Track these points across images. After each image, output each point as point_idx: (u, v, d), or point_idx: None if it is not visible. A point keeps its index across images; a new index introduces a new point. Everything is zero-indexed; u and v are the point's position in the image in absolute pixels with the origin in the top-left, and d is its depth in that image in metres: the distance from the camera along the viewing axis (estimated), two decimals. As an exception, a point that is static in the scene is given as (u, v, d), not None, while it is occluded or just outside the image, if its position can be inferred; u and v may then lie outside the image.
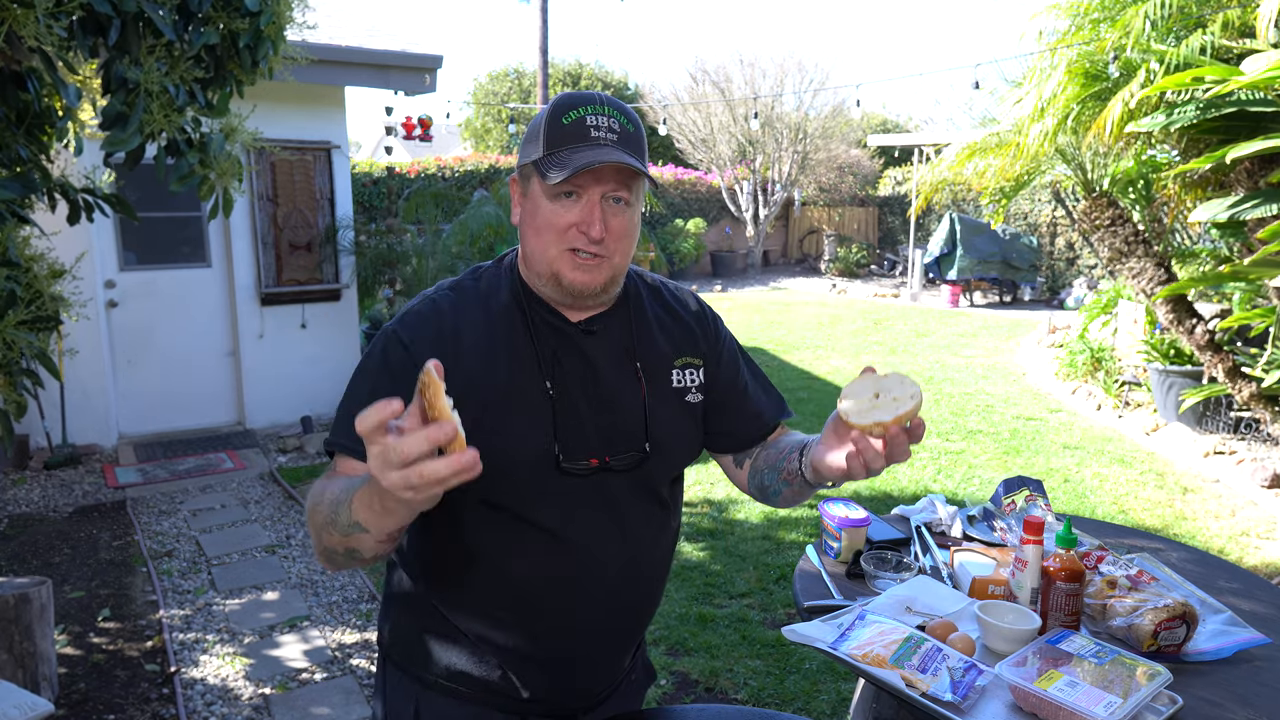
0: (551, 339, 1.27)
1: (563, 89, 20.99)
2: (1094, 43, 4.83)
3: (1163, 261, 5.21)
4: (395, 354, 1.21)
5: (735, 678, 3.06)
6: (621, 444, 1.28)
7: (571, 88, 21.21)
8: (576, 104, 1.20)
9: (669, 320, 1.37)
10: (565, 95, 1.23)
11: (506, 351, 1.24)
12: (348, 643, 3.36)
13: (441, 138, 19.11)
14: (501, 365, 1.24)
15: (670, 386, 1.33)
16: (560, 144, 1.18)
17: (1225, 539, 4.32)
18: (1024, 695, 1.33)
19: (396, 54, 6.00)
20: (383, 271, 6.49)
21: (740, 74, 17.39)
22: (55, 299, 2.42)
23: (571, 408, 1.25)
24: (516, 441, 1.21)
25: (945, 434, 6.10)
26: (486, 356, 1.23)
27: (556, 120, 1.19)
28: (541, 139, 1.19)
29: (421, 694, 1.33)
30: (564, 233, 1.19)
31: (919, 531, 2.02)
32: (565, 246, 1.20)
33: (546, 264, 1.21)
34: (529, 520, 1.24)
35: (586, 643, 1.32)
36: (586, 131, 1.18)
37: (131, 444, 5.80)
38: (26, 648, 2.79)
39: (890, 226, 17.93)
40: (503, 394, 1.22)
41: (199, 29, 2.24)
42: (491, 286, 1.30)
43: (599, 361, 1.28)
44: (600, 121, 1.19)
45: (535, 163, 1.20)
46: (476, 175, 13.53)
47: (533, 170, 1.21)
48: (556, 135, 1.18)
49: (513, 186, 1.27)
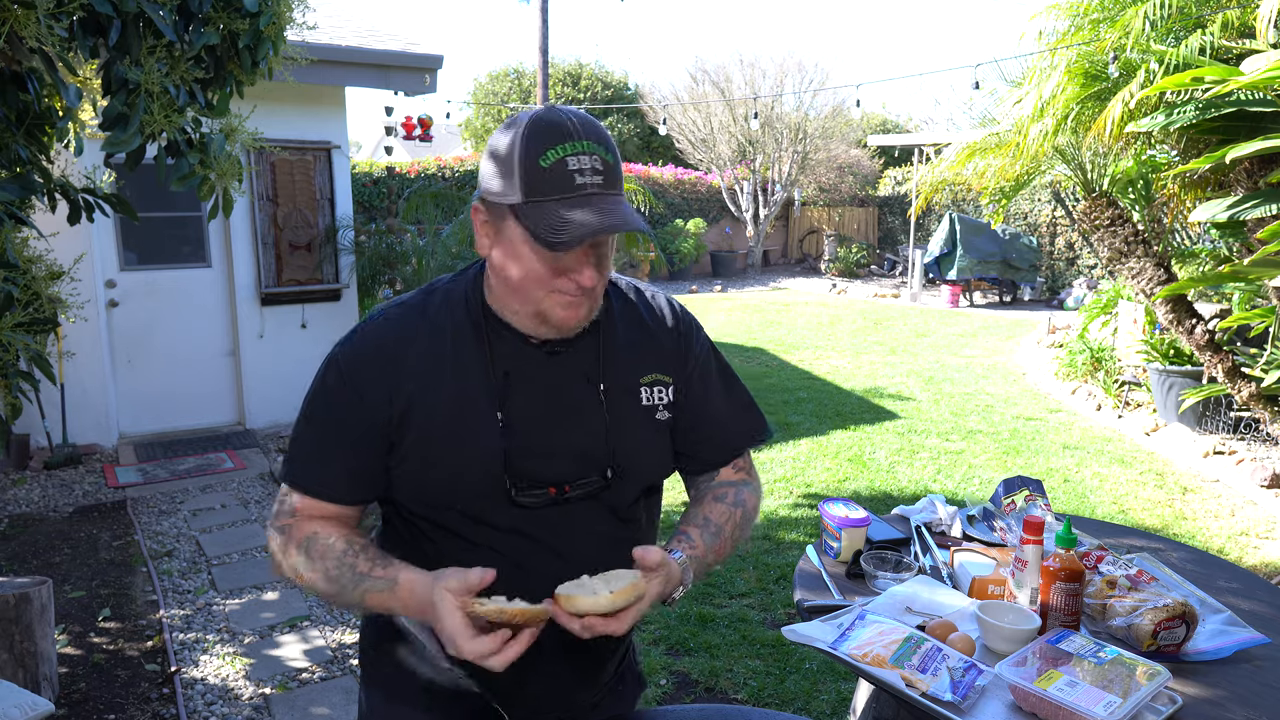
0: (509, 361, 1.21)
1: (563, 89, 20.99)
2: (1094, 43, 4.83)
3: (1163, 261, 5.21)
4: (338, 393, 1.22)
5: (735, 678, 3.06)
6: (581, 471, 1.23)
7: (572, 88, 21.20)
8: (553, 139, 1.09)
9: (640, 336, 1.31)
10: (536, 124, 1.10)
11: (457, 378, 1.20)
12: (348, 643, 3.36)
13: (441, 138, 19.10)
14: (449, 392, 1.19)
15: (640, 404, 1.29)
16: (543, 193, 1.09)
17: (1225, 539, 4.32)
18: (1024, 695, 1.33)
19: (396, 54, 6.00)
20: (383, 271, 6.50)
21: (740, 74, 17.39)
22: (53, 300, 2.42)
23: (525, 435, 1.20)
24: (465, 471, 1.19)
25: (945, 434, 6.10)
26: (432, 382, 1.19)
27: (533, 162, 1.09)
28: (518, 180, 1.10)
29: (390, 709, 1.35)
30: (551, 281, 1.14)
31: (919, 531, 2.02)
32: (552, 290, 1.15)
33: (531, 304, 1.16)
34: (485, 546, 1.22)
35: (552, 663, 1.28)
36: (570, 179, 1.08)
37: (132, 444, 5.80)
38: (27, 647, 2.79)
39: (890, 226, 17.93)
40: (449, 422, 1.19)
41: (199, 29, 2.24)
42: (445, 306, 1.24)
43: (562, 383, 1.23)
44: (583, 163, 1.09)
45: (514, 209, 1.11)
46: (476, 175, 13.52)
47: (508, 213, 1.12)
48: (537, 181, 1.09)
49: (476, 215, 1.17)
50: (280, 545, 1.23)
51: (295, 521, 1.23)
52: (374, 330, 1.23)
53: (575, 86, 21.31)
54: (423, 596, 1.09)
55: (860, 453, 5.66)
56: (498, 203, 1.13)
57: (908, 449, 5.75)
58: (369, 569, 1.16)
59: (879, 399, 7.13)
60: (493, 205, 1.15)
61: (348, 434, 1.21)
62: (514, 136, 1.11)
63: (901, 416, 6.57)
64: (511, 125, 1.13)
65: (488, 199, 1.15)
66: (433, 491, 1.21)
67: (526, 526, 1.22)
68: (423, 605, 1.10)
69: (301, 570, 1.20)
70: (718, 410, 1.38)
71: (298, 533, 1.22)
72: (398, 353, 1.20)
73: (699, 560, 1.25)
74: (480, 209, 1.17)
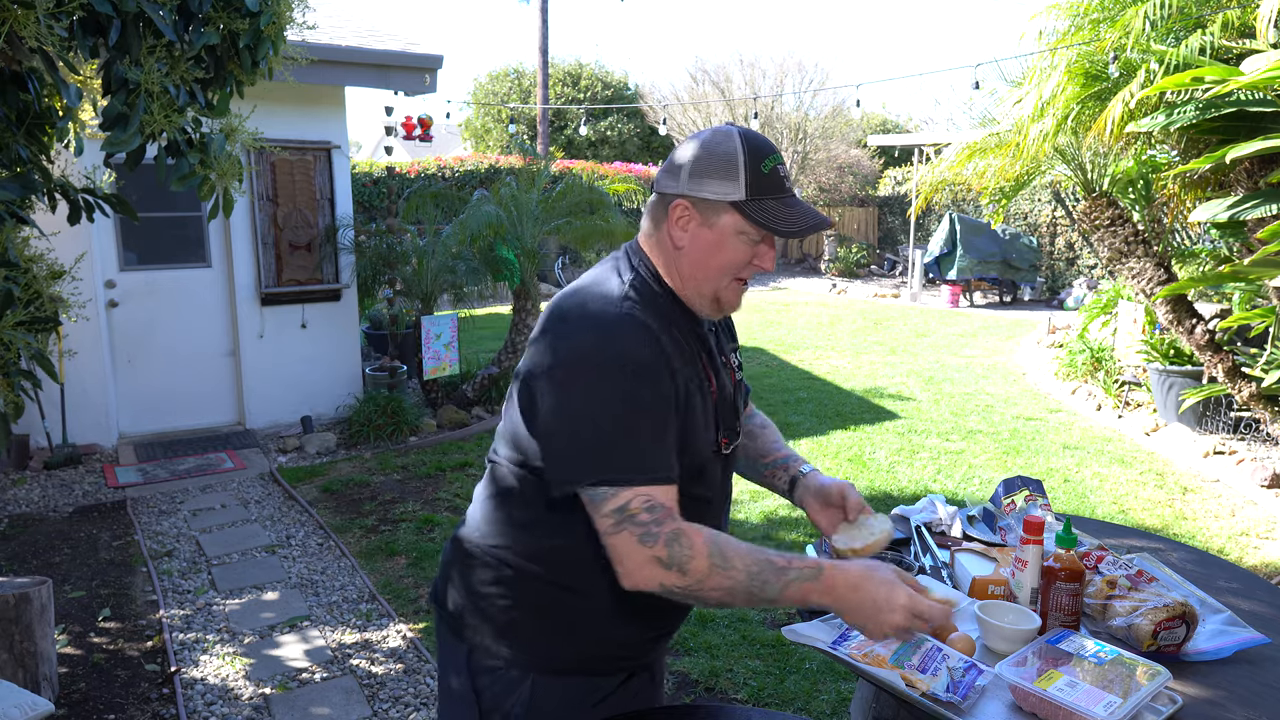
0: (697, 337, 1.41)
1: (563, 89, 20.99)
2: (1094, 43, 4.83)
3: (1163, 261, 5.21)
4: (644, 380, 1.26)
5: (735, 678, 3.06)
6: (733, 423, 1.46)
7: (572, 88, 21.19)
8: (767, 151, 1.33)
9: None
10: (754, 139, 1.33)
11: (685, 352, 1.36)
12: (348, 643, 3.36)
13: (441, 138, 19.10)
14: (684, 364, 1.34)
15: (734, 367, 1.52)
16: (766, 192, 1.32)
17: (1225, 539, 4.32)
18: (1024, 695, 1.33)
19: (396, 54, 6.01)
20: (383, 271, 6.49)
21: (740, 74, 17.41)
22: (54, 300, 2.43)
23: (720, 400, 1.42)
24: (700, 431, 1.36)
25: (945, 434, 6.10)
26: (681, 358, 1.34)
27: (757, 167, 1.31)
28: (743, 182, 1.31)
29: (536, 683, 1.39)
30: (740, 268, 1.35)
31: (919, 531, 2.02)
32: (735, 277, 1.36)
33: (712, 288, 1.36)
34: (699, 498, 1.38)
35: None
36: (782, 182, 1.34)
37: (132, 444, 5.80)
38: (27, 647, 2.79)
39: (890, 226, 17.94)
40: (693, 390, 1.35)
41: (199, 29, 2.24)
42: (652, 294, 1.37)
43: (712, 351, 1.44)
44: (784, 170, 1.36)
45: (737, 205, 1.31)
46: (476, 175, 13.53)
47: (730, 209, 1.31)
48: (761, 183, 1.32)
49: (675, 211, 1.34)
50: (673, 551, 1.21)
51: (682, 525, 1.24)
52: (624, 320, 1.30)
53: (575, 86, 21.31)
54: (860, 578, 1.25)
55: (860, 453, 5.66)
56: (716, 200, 1.32)
57: (908, 449, 5.75)
58: (785, 563, 1.25)
59: (879, 399, 7.14)
60: (707, 203, 1.33)
61: (667, 413, 1.29)
62: (734, 147, 1.32)
63: (901, 416, 6.57)
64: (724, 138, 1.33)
65: (700, 197, 1.33)
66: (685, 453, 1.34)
67: (717, 478, 1.43)
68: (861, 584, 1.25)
69: (716, 571, 1.22)
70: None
71: (696, 536, 1.23)
72: (657, 333, 1.31)
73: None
74: (688, 206, 1.34)
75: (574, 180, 7.20)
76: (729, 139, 1.33)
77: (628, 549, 1.23)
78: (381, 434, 5.87)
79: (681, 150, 1.37)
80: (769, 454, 1.70)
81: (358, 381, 6.57)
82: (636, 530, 1.22)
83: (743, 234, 1.33)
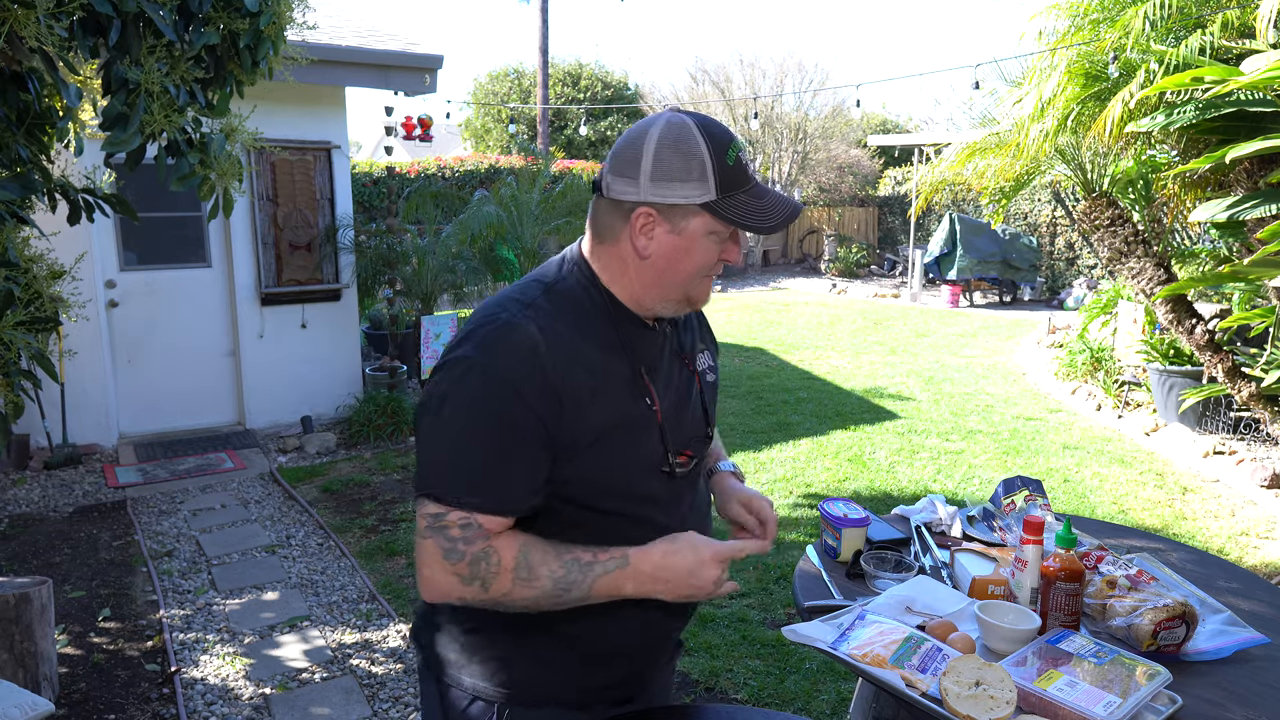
0: (636, 343, 1.30)
1: (563, 89, 20.98)
2: (1094, 43, 4.83)
3: (1163, 261, 5.21)
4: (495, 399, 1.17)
5: (735, 678, 3.06)
6: (698, 436, 1.38)
7: (572, 88, 21.19)
8: (727, 140, 1.23)
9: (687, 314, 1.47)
10: (713, 129, 1.23)
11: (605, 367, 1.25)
12: (348, 643, 3.36)
13: (441, 138, 19.10)
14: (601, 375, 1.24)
15: (699, 369, 1.43)
16: (734, 187, 1.22)
17: (1225, 539, 4.32)
18: (1024, 695, 1.33)
19: (396, 54, 6.00)
20: (383, 271, 6.50)
21: (740, 74, 17.41)
22: (54, 300, 2.43)
23: (665, 409, 1.31)
24: (633, 449, 1.27)
25: (945, 434, 6.10)
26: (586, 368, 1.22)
27: (723, 162, 1.21)
28: (712, 179, 1.20)
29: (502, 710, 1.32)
30: (710, 266, 1.27)
31: (919, 531, 2.02)
32: (705, 274, 1.28)
33: (683, 290, 1.27)
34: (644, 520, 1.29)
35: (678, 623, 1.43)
36: (746, 172, 1.24)
37: (132, 444, 5.80)
38: (27, 647, 2.79)
39: (890, 226, 17.94)
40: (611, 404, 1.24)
41: (199, 29, 2.24)
42: (571, 296, 1.27)
43: (668, 358, 1.36)
44: (745, 158, 1.25)
45: (708, 206, 1.21)
46: (476, 175, 13.52)
47: (699, 211, 1.21)
48: (729, 178, 1.22)
49: (638, 222, 1.22)
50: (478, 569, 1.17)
51: (493, 543, 1.18)
52: (509, 331, 1.20)
53: (575, 86, 21.30)
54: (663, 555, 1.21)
55: (860, 453, 5.66)
56: (682, 204, 1.21)
57: (908, 449, 5.75)
58: (591, 558, 1.20)
59: (879, 399, 7.14)
60: (671, 208, 1.22)
61: (517, 443, 1.18)
62: (697, 144, 1.20)
63: (901, 416, 6.57)
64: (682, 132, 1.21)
65: (663, 203, 1.21)
66: (603, 479, 1.26)
67: (672, 496, 1.34)
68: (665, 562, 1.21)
69: (519, 584, 1.18)
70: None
71: (506, 552, 1.18)
72: (543, 351, 1.19)
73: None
74: (651, 214, 1.22)
75: (574, 180, 7.21)
76: (688, 134, 1.20)
77: (431, 559, 1.18)
78: (381, 434, 5.87)
79: (631, 146, 1.23)
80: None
81: (358, 381, 6.57)
82: (444, 544, 1.17)
83: (713, 234, 1.23)
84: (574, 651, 1.32)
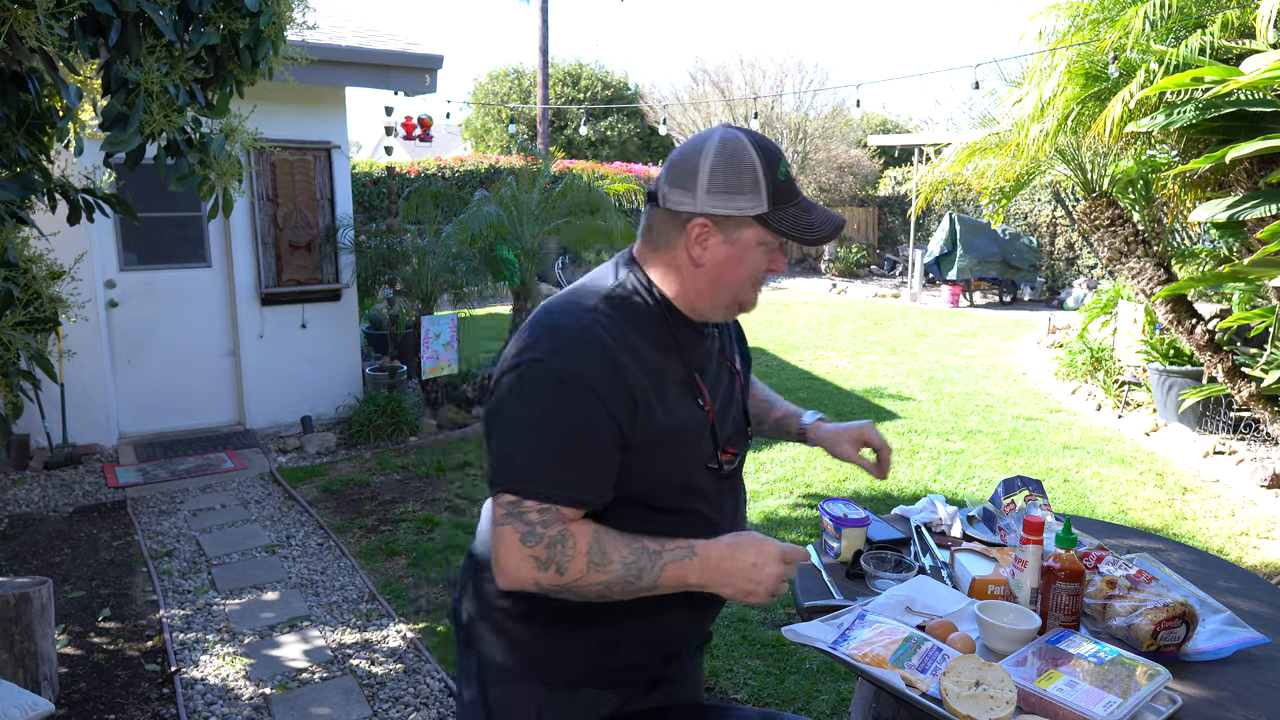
0: (690, 347, 1.37)
1: (563, 89, 20.99)
2: (1094, 43, 4.83)
3: (1163, 261, 5.21)
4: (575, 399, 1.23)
5: (735, 678, 3.06)
6: (739, 434, 1.45)
7: (572, 88, 21.19)
8: (778, 157, 1.31)
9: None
10: (765, 146, 1.30)
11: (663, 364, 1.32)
12: (348, 643, 3.36)
13: (441, 138, 19.09)
14: (661, 382, 1.31)
15: (737, 369, 1.51)
16: (784, 201, 1.30)
17: (1225, 539, 4.32)
18: (1024, 695, 1.33)
19: (396, 54, 6.00)
20: (383, 271, 6.50)
21: (740, 74, 17.41)
22: (53, 300, 2.43)
23: (717, 413, 1.38)
24: (688, 446, 1.34)
25: (945, 434, 6.10)
26: (650, 371, 1.29)
27: (774, 176, 1.29)
28: (764, 193, 1.28)
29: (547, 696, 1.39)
30: (759, 274, 1.35)
31: (919, 531, 2.02)
32: (754, 283, 1.35)
33: (734, 296, 1.35)
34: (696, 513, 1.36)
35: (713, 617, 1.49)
36: (794, 187, 1.32)
37: (132, 444, 5.80)
38: (27, 647, 2.79)
39: (890, 226, 17.94)
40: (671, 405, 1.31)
41: (199, 29, 2.24)
42: (630, 304, 1.33)
43: (716, 359, 1.44)
44: (792, 172, 1.35)
45: (761, 218, 1.28)
46: (476, 175, 13.52)
47: (752, 223, 1.29)
48: (780, 192, 1.29)
49: (700, 230, 1.29)
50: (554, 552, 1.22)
51: (569, 527, 1.23)
52: (579, 332, 1.26)
53: (575, 86, 21.31)
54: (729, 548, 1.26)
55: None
56: (737, 215, 1.28)
57: (908, 449, 5.75)
58: (659, 547, 1.25)
59: (879, 399, 7.13)
60: (725, 219, 1.29)
61: (592, 439, 1.24)
62: (751, 158, 1.28)
63: (901, 416, 6.57)
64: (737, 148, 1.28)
65: (718, 215, 1.28)
66: (660, 476, 1.33)
67: (717, 493, 1.40)
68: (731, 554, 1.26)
69: (593, 568, 1.23)
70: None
71: (581, 536, 1.23)
72: (614, 351, 1.26)
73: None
74: (707, 225, 1.29)
75: (574, 180, 7.20)
76: (742, 148, 1.28)
77: (508, 544, 1.23)
78: (381, 434, 5.87)
79: (687, 159, 1.30)
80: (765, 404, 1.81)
81: (358, 381, 6.57)
82: (521, 528, 1.22)
83: (763, 244, 1.31)
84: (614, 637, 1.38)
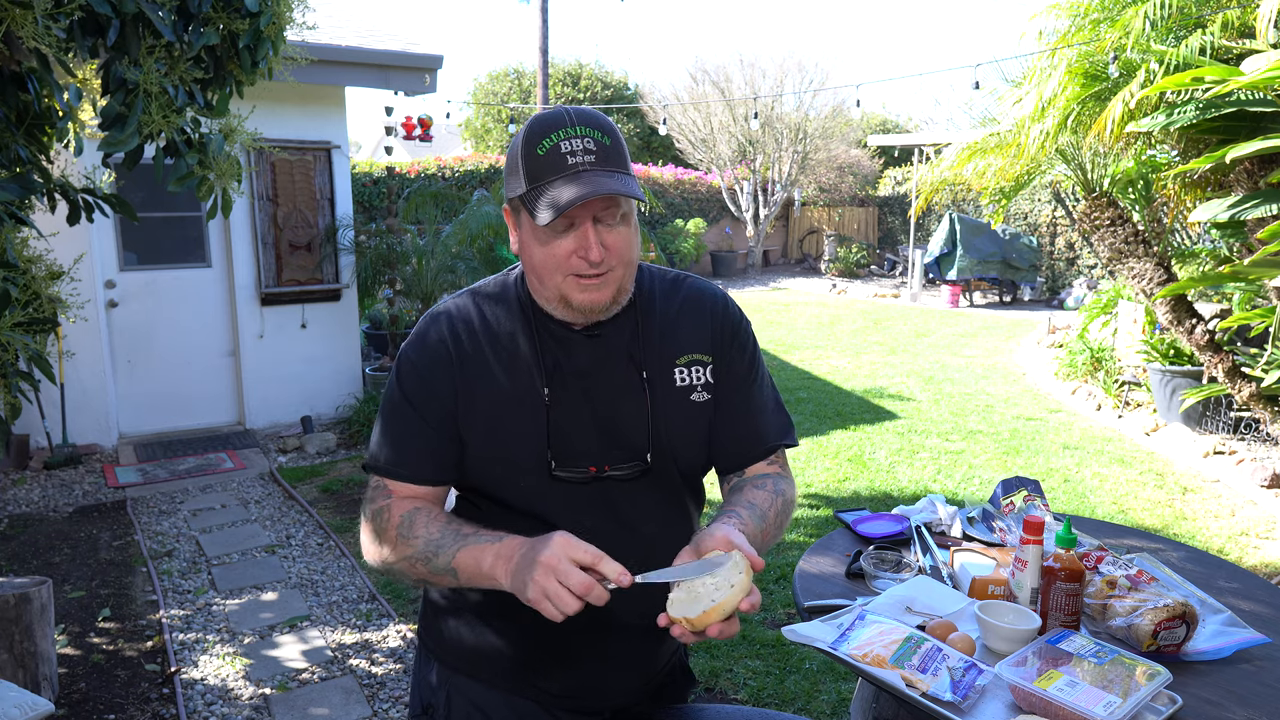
0: (555, 349, 1.30)
1: (563, 89, 20.99)
2: (1094, 43, 4.83)
3: (1163, 261, 5.21)
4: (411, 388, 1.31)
5: (735, 678, 3.06)
6: (622, 453, 1.30)
7: (572, 88, 21.19)
8: (548, 130, 1.19)
9: (679, 316, 1.36)
10: (536, 121, 1.22)
11: (508, 362, 1.30)
12: (347, 643, 3.36)
13: (441, 138, 19.10)
14: (501, 374, 1.30)
15: (674, 386, 1.33)
16: (540, 176, 1.18)
17: (1225, 539, 4.32)
18: (1024, 695, 1.33)
19: (396, 54, 6.00)
20: (383, 271, 6.50)
21: (740, 74, 17.38)
22: (53, 300, 2.42)
23: (570, 415, 1.29)
24: (515, 446, 1.28)
25: (945, 434, 6.10)
26: (487, 367, 1.30)
27: (531, 151, 1.19)
28: (521, 172, 1.20)
29: (452, 678, 1.40)
30: (565, 261, 1.21)
31: (919, 531, 2.02)
32: (568, 273, 1.22)
33: (554, 289, 1.24)
34: (541, 519, 1.28)
35: (606, 641, 1.33)
36: (563, 160, 1.17)
37: (131, 444, 5.80)
38: (27, 647, 2.79)
39: (890, 226, 17.93)
40: (502, 401, 1.29)
41: (199, 29, 2.24)
42: (495, 300, 1.35)
43: (605, 366, 1.31)
44: (575, 145, 1.17)
45: (521, 199, 1.21)
46: (476, 175, 13.52)
47: (520, 205, 1.23)
48: (535, 167, 1.19)
49: (507, 216, 1.30)
50: (376, 524, 1.28)
51: (391, 501, 1.29)
52: (435, 330, 1.32)
53: (575, 86, 21.30)
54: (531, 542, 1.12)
55: (860, 453, 5.66)
56: (514, 198, 1.24)
57: (908, 449, 5.75)
58: (474, 531, 1.22)
59: (879, 399, 7.13)
60: (513, 204, 1.25)
61: (422, 422, 1.29)
62: (518, 139, 1.23)
63: (901, 416, 6.57)
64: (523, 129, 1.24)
65: (508, 198, 1.26)
66: (491, 470, 1.30)
67: (571, 503, 1.29)
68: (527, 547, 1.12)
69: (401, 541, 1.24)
70: (757, 404, 1.40)
71: (397, 509, 1.28)
72: (457, 348, 1.30)
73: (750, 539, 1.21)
74: (508, 210, 1.29)
75: (574, 180, 7.18)
76: (525, 128, 1.23)
77: (362, 520, 1.33)
78: (381, 434, 5.86)
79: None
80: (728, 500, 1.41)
81: (358, 381, 6.57)
82: (367, 505, 1.31)
83: (549, 227, 1.19)
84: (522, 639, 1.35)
